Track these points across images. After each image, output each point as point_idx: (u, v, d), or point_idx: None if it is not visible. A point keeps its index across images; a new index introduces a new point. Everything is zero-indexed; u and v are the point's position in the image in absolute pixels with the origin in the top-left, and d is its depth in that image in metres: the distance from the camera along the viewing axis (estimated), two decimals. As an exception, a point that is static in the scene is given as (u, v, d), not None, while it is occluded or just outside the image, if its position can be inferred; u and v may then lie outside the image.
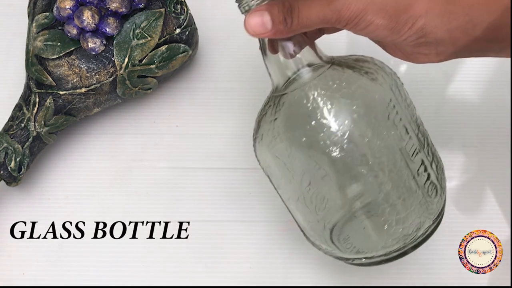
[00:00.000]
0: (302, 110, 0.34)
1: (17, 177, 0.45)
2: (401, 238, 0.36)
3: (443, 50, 0.33)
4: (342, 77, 0.35)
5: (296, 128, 0.35)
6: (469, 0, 0.31)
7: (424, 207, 0.36)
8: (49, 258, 0.46)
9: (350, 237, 0.37)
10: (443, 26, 0.32)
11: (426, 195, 0.36)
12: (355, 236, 0.36)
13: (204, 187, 0.48)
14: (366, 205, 0.35)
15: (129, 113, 0.52)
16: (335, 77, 0.35)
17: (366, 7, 0.32)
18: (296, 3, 0.33)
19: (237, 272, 0.45)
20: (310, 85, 0.35)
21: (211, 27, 0.54)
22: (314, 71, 0.36)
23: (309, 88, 0.35)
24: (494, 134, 0.50)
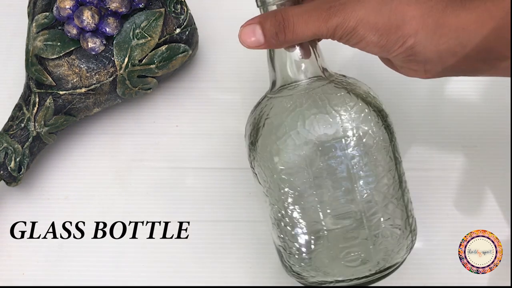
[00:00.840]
0: (286, 117, 0.35)
1: (17, 177, 0.45)
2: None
3: (431, 69, 0.34)
4: (332, 96, 0.36)
5: (276, 134, 0.36)
6: (459, 23, 0.32)
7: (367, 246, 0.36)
8: (49, 258, 0.46)
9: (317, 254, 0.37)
10: (433, 47, 0.32)
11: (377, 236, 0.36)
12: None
13: (204, 187, 0.48)
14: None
15: (129, 113, 0.52)
16: (327, 94, 0.36)
17: (359, 25, 0.33)
18: (291, 18, 0.33)
19: (237, 272, 0.45)
20: (301, 94, 0.36)
21: (211, 27, 0.54)
22: (312, 82, 0.36)
23: (299, 97, 0.35)
24: (494, 134, 0.50)
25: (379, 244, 0.36)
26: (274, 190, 0.37)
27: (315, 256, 0.37)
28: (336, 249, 0.36)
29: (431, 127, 0.50)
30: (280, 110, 0.36)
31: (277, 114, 0.36)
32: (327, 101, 0.35)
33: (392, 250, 0.36)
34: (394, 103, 0.51)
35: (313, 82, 0.37)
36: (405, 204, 0.38)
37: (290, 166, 0.35)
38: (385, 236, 0.36)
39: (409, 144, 0.50)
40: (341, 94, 0.36)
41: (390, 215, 0.36)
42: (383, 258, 0.36)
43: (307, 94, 0.36)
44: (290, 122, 0.35)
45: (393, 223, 0.36)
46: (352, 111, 0.35)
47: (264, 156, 0.36)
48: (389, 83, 0.52)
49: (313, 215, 0.36)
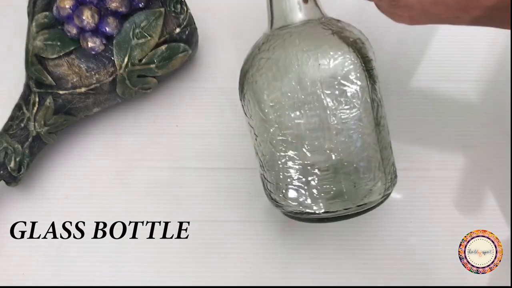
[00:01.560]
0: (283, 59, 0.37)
1: (17, 177, 0.45)
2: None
3: (415, 15, 0.36)
4: (314, 36, 0.38)
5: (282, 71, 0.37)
6: None
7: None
8: (49, 258, 0.46)
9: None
10: None
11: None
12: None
13: (204, 187, 0.48)
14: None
15: (129, 113, 0.51)
16: (311, 34, 0.38)
17: None
18: None
19: (237, 272, 0.45)
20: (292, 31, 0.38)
21: (211, 27, 0.54)
22: (305, 23, 0.39)
23: (287, 34, 0.38)
24: (494, 134, 0.50)
25: (349, 181, 0.37)
26: (257, 121, 0.39)
27: (289, 187, 0.39)
28: (309, 182, 0.38)
29: (431, 127, 0.50)
30: (270, 47, 0.38)
31: (268, 50, 0.38)
32: (308, 41, 0.37)
33: (362, 189, 0.38)
34: (394, 103, 0.51)
35: (306, 23, 0.39)
36: (380, 147, 0.39)
37: (273, 99, 0.37)
38: (356, 173, 0.37)
39: (409, 144, 0.50)
40: (324, 35, 0.38)
41: (363, 155, 0.38)
42: (353, 195, 0.38)
43: (296, 33, 0.38)
44: (278, 58, 0.37)
45: (365, 164, 0.38)
46: (332, 52, 0.37)
47: (253, 88, 0.38)
48: (389, 83, 0.51)
49: (290, 148, 0.38)
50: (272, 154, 0.38)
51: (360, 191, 0.38)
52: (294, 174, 0.38)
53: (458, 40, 0.55)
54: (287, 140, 0.38)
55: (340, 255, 0.45)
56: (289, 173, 0.38)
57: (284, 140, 0.38)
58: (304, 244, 0.46)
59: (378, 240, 0.46)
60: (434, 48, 0.55)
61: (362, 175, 0.38)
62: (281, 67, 0.37)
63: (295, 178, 0.38)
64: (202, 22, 0.51)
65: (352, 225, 0.46)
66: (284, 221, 0.46)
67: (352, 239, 0.46)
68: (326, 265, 0.45)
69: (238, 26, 0.56)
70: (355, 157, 0.37)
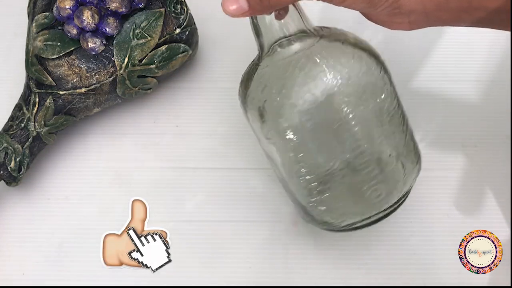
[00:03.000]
0: (287, 75, 0.36)
1: (17, 177, 0.45)
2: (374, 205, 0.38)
3: (416, 20, 0.35)
4: (329, 50, 0.36)
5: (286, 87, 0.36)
6: None
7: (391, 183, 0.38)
8: (49, 258, 0.46)
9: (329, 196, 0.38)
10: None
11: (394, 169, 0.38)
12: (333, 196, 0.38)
13: (204, 187, 0.48)
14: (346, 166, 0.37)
15: (129, 113, 0.51)
16: (323, 51, 0.36)
17: None
18: None
19: (237, 272, 0.45)
20: (298, 56, 0.36)
21: (211, 27, 0.54)
22: (303, 42, 0.37)
23: (297, 59, 0.36)
24: (494, 134, 0.50)
25: (389, 178, 0.38)
26: (280, 145, 0.38)
27: (330, 199, 0.38)
28: (354, 189, 0.38)
29: (432, 127, 0.50)
30: (281, 74, 0.36)
31: (279, 78, 0.36)
32: (328, 57, 0.36)
33: (399, 181, 0.38)
34: (394, 103, 0.51)
35: (304, 39, 0.37)
36: (406, 135, 0.39)
37: (295, 125, 0.36)
38: (394, 170, 0.38)
39: (409, 144, 0.50)
40: (337, 45, 0.37)
41: (395, 148, 0.38)
42: (395, 189, 0.38)
43: (305, 55, 0.36)
44: (291, 85, 0.36)
45: (397, 154, 0.38)
46: (353, 60, 0.36)
47: (272, 121, 0.37)
48: (389, 83, 0.52)
49: (322, 162, 0.37)
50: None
51: (398, 184, 0.38)
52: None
53: (458, 40, 0.55)
54: (318, 154, 0.37)
55: (340, 255, 0.45)
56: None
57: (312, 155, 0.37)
58: (304, 244, 0.46)
59: (378, 240, 0.46)
60: (434, 48, 0.55)
61: (398, 170, 0.38)
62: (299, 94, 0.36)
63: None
64: (202, 23, 0.51)
65: (352, 225, 0.46)
66: (284, 221, 0.46)
67: (352, 239, 0.46)
68: (326, 265, 0.45)
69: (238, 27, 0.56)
70: (388, 153, 0.37)
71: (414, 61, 0.54)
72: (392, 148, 0.38)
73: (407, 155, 0.39)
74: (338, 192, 0.38)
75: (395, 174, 0.38)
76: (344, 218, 0.39)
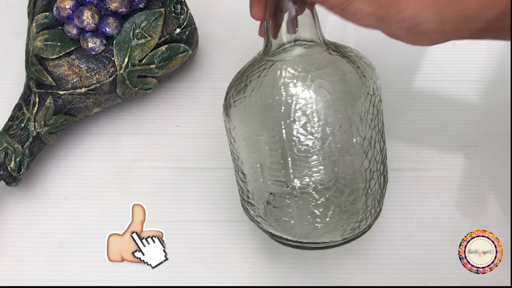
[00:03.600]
0: (278, 83, 0.35)
1: (17, 177, 0.45)
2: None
3: (436, 38, 0.34)
4: (331, 62, 0.36)
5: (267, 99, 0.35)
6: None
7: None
8: (49, 258, 0.46)
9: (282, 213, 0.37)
10: (435, 18, 0.31)
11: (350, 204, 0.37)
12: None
13: (204, 187, 0.48)
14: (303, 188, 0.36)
15: (129, 113, 0.51)
16: (325, 60, 0.36)
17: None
18: None
19: (237, 272, 0.45)
20: (299, 60, 0.36)
21: (211, 27, 0.54)
22: (309, 48, 0.36)
23: (297, 63, 0.35)
24: (494, 134, 0.50)
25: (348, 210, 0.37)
26: (239, 145, 0.37)
27: (269, 212, 0.38)
28: (303, 210, 0.37)
29: (431, 127, 0.50)
30: (272, 78, 0.36)
31: (268, 81, 0.36)
32: (321, 70, 0.35)
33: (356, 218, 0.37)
34: (394, 103, 0.51)
35: (310, 47, 0.37)
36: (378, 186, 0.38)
37: (267, 131, 0.35)
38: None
39: (409, 144, 0.50)
40: (336, 62, 0.36)
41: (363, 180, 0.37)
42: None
43: (302, 60, 0.35)
44: (273, 89, 0.35)
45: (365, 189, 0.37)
46: (348, 78, 0.35)
47: (242, 116, 0.36)
48: (389, 83, 0.52)
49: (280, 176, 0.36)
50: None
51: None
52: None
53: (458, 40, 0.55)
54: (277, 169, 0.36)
55: (340, 255, 0.45)
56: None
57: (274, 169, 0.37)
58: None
59: (378, 240, 0.46)
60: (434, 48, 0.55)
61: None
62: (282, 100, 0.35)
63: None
64: (202, 23, 0.51)
65: (352, 225, 0.46)
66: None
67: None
68: (326, 265, 0.45)
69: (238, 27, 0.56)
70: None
71: (414, 61, 0.54)
72: (362, 180, 0.36)
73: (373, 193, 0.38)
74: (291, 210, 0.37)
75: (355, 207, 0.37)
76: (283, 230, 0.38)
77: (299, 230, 0.37)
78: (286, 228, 0.37)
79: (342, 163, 0.35)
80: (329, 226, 0.36)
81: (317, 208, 0.36)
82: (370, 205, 0.37)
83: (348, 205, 0.36)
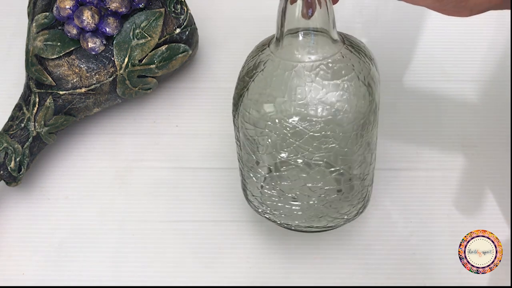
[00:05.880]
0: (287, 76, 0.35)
1: (17, 177, 0.45)
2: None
3: (477, 9, 0.35)
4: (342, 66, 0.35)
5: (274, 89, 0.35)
6: None
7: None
8: (49, 258, 0.46)
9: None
10: None
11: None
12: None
13: (204, 187, 0.48)
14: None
15: (129, 113, 0.51)
16: (336, 64, 0.35)
17: None
18: None
19: (237, 272, 0.45)
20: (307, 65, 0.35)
21: (211, 27, 0.54)
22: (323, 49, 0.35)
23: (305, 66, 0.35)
24: (494, 134, 0.50)
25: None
26: (245, 129, 0.38)
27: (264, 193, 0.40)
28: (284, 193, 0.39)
29: (431, 127, 0.50)
30: (280, 73, 0.35)
31: (277, 76, 0.35)
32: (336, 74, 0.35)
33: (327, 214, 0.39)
34: (394, 103, 0.51)
35: (324, 45, 0.35)
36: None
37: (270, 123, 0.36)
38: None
39: (409, 144, 0.50)
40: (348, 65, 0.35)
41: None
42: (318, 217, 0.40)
43: (316, 66, 0.35)
44: (282, 87, 0.35)
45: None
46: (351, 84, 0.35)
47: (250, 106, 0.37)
48: (389, 83, 0.52)
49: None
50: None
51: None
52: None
53: (458, 40, 0.55)
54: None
55: (340, 255, 0.45)
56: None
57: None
58: (304, 244, 0.46)
59: (378, 240, 0.46)
60: (434, 48, 0.55)
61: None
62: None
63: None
64: (202, 22, 0.51)
65: (352, 225, 0.46)
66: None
67: (352, 239, 0.46)
68: (326, 265, 0.45)
69: (238, 27, 0.56)
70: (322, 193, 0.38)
71: (415, 61, 0.54)
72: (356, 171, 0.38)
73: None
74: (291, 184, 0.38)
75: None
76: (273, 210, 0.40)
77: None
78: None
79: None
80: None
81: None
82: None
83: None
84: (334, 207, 0.39)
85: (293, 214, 0.40)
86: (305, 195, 0.38)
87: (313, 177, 0.38)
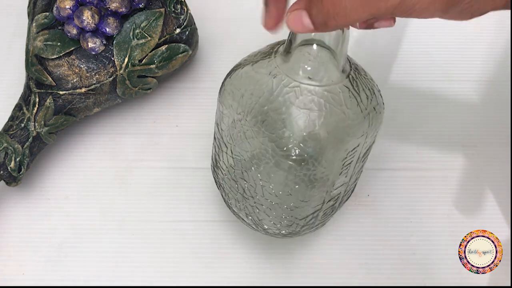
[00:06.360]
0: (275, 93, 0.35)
1: (17, 177, 0.45)
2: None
3: (480, 12, 0.35)
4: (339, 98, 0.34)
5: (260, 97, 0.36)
6: None
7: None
8: (49, 258, 0.46)
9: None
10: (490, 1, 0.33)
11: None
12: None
13: (204, 187, 0.48)
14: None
15: (129, 113, 0.52)
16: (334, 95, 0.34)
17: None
18: (342, 2, 0.31)
19: (237, 272, 0.45)
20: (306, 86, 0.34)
21: (211, 27, 0.54)
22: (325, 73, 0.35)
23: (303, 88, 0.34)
24: (494, 134, 0.50)
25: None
26: (225, 125, 0.38)
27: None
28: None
29: (431, 127, 0.50)
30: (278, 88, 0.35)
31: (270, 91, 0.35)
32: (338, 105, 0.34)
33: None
34: (394, 103, 0.51)
35: (329, 70, 0.35)
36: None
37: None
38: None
39: (409, 144, 0.50)
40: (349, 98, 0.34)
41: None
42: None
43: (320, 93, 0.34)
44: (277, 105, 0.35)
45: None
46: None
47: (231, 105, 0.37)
48: (390, 83, 0.52)
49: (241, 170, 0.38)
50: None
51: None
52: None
53: (458, 40, 0.55)
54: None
55: (340, 255, 0.45)
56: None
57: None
58: (304, 244, 0.46)
59: (378, 240, 0.46)
60: (434, 49, 0.55)
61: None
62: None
63: None
64: (202, 22, 0.51)
65: (352, 225, 0.46)
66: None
67: (352, 239, 0.46)
68: (326, 265, 0.45)
69: (238, 27, 0.56)
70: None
71: (414, 61, 0.54)
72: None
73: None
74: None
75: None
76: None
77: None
78: None
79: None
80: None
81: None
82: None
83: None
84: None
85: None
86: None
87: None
